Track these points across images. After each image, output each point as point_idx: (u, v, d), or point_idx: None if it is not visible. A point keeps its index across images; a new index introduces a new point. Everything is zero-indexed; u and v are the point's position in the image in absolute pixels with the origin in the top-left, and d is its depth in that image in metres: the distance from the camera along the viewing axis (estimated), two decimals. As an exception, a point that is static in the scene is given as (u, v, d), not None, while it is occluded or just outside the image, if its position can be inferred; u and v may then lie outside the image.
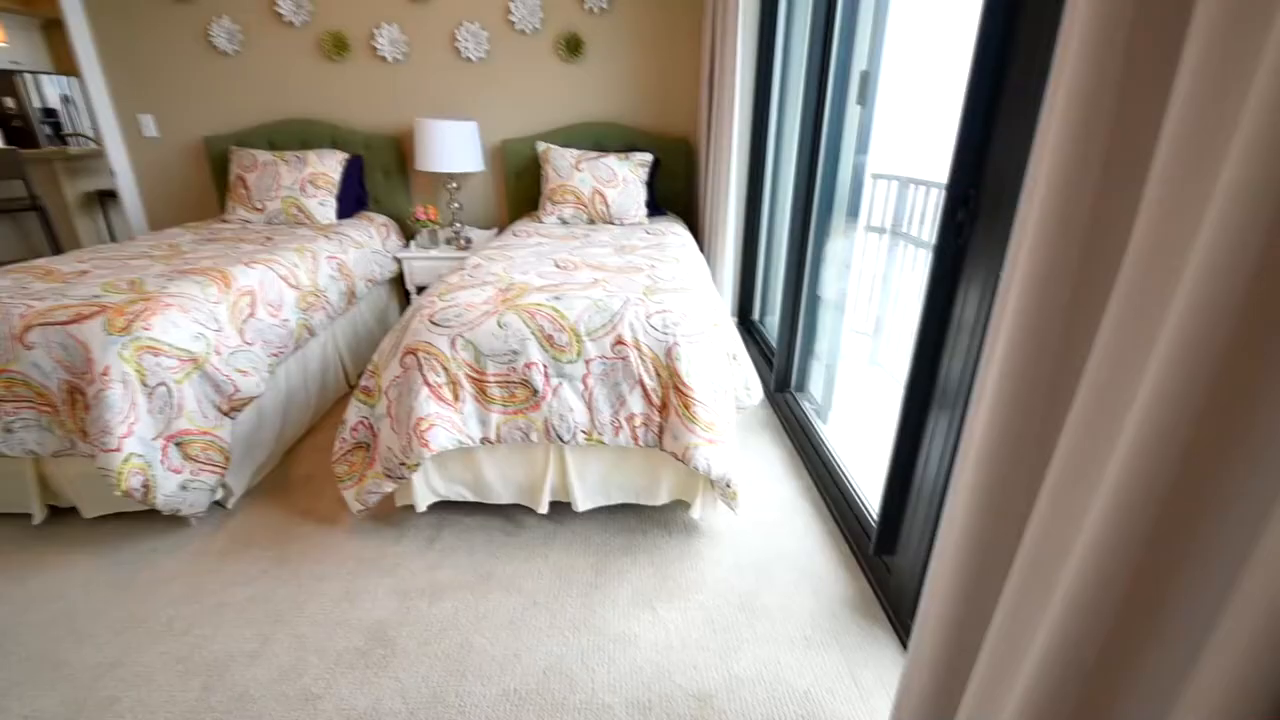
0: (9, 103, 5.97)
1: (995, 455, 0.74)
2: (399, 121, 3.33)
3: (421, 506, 1.78)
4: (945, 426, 1.29)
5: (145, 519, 1.89)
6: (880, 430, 2.40)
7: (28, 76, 5.97)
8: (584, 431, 1.65)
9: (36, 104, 6.06)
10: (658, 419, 1.64)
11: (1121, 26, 0.55)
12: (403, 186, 3.41)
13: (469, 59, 3.20)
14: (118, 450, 1.59)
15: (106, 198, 5.16)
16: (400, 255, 3.13)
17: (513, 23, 3.13)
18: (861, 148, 2.21)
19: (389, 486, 1.69)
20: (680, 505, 1.91)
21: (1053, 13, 0.98)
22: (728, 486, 1.63)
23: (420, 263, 3.12)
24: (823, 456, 2.04)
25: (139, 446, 1.64)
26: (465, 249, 3.14)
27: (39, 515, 1.86)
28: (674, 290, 1.82)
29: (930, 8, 2.54)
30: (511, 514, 1.92)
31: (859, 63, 2.08)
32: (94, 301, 1.72)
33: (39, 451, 1.72)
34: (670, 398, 1.61)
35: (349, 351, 2.79)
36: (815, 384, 2.41)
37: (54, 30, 6.38)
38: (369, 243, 2.96)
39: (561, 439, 1.65)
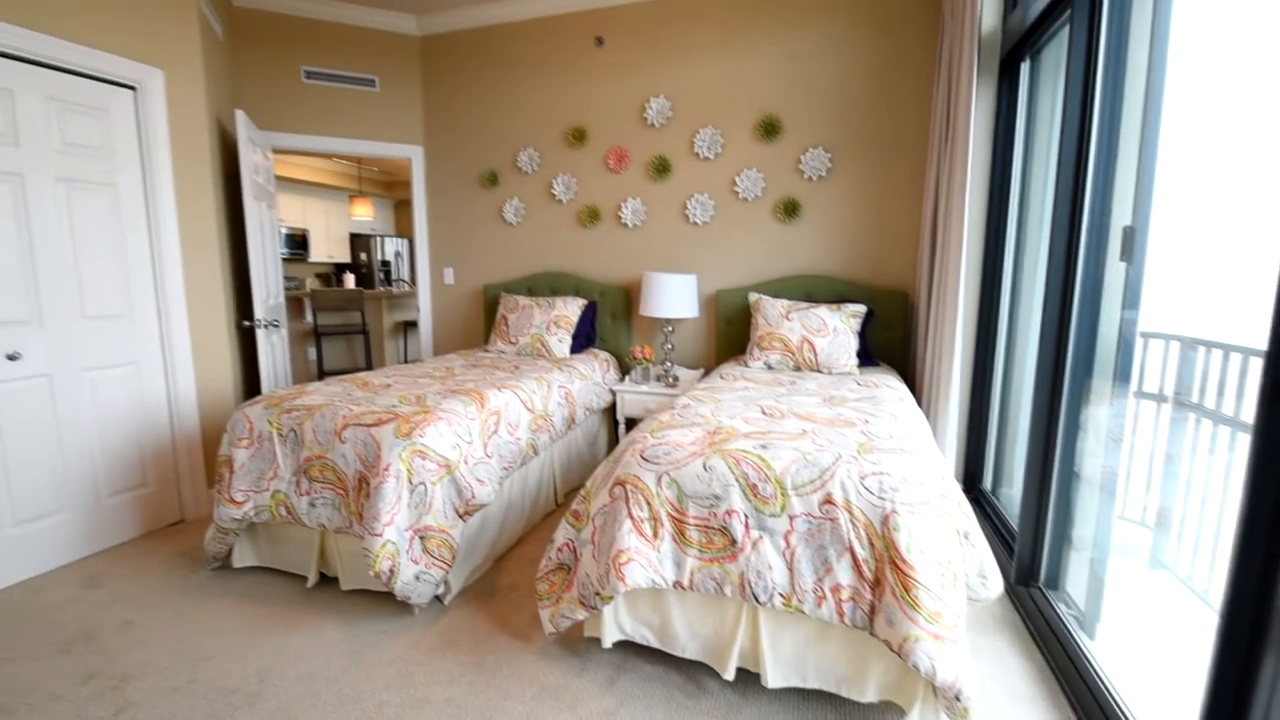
0: (363, 257, 8.27)
1: None
2: (630, 274, 3.83)
3: (607, 642, 1.77)
4: (1302, 685, 0.93)
5: (381, 600, 2.17)
6: (1180, 661, 1.81)
7: (378, 239, 8.25)
8: (782, 595, 1.53)
9: (379, 257, 8.28)
10: (869, 596, 1.46)
11: None
12: (626, 328, 3.83)
13: (695, 223, 3.62)
14: (380, 535, 1.89)
15: (409, 326, 6.67)
16: (615, 388, 3.43)
17: (737, 192, 3.50)
18: (1131, 303, 1.92)
19: (581, 614, 1.72)
20: (891, 709, 1.61)
21: None
22: (957, 699, 1.34)
23: (631, 396, 3.38)
24: (1088, 681, 1.59)
25: (394, 535, 1.92)
26: (672, 386, 3.33)
27: (312, 579, 2.25)
28: (892, 450, 1.68)
29: (1220, 145, 2.22)
30: (693, 673, 1.79)
31: (1121, 215, 1.89)
32: (391, 410, 2.16)
33: (327, 526, 2.12)
34: (885, 574, 1.43)
35: (561, 472, 3.05)
36: (1074, 582, 1.95)
37: (401, 207, 8.86)
38: (592, 375, 3.32)
39: (757, 599, 1.54)
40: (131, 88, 2.60)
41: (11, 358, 2.27)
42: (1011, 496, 2.57)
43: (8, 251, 2.26)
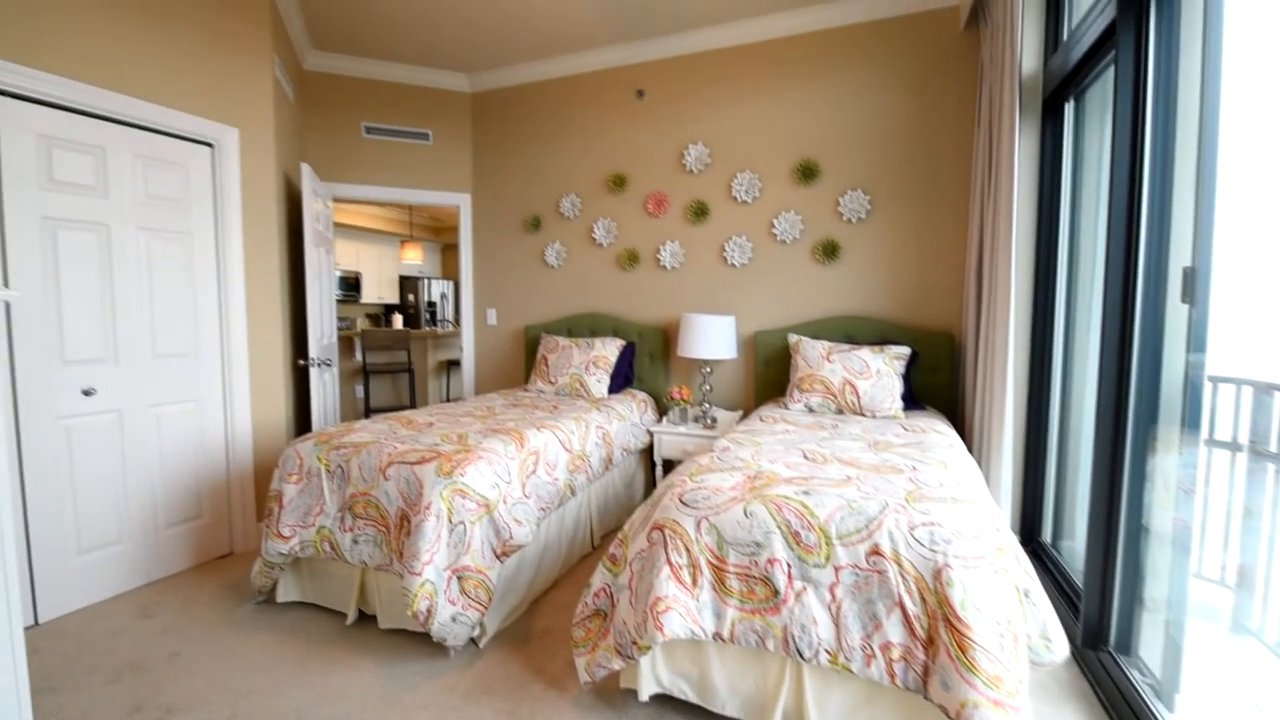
0: (410, 298, 8.59)
1: None
2: (668, 315, 3.86)
3: (644, 695, 1.71)
4: None
5: (417, 640, 2.16)
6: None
7: (426, 281, 8.57)
8: (828, 651, 1.46)
9: (425, 298, 8.58)
10: (922, 656, 1.38)
11: None
12: (664, 369, 3.84)
13: (733, 265, 3.65)
14: (419, 574, 1.90)
15: (452, 365, 6.84)
16: (653, 429, 3.42)
17: (775, 234, 3.53)
18: (1196, 346, 1.83)
19: (618, 664, 1.67)
20: (948, 779, 1.50)
21: None
22: (1022, 773, 1.24)
23: (669, 437, 3.35)
24: (1172, 763, 1.45)
25: (433, 574, 1.93)
26: (710, 428, 3.30)
27: (351, 616, 2.27)
28: (943, 500, 1.61)
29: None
30: (734, 730, 1.72)
31: (1180, 255, 1.81)
32: (433, 449, 2.20)
33: (368, 563, 2.14)
34: (939, 632, 1.35)
35: (598, 514, 3.02)
36: (1148, 646, 1.80)
37: (448, 250, 9.22)
38: (630, 416, 3.32)
39: (801, 654, 1.48)
40: (209, 144, 2.82)
41: (87, 393, 2.42)
42: (1074, 550, 2.42)
43: (92, 294, 2.44)
